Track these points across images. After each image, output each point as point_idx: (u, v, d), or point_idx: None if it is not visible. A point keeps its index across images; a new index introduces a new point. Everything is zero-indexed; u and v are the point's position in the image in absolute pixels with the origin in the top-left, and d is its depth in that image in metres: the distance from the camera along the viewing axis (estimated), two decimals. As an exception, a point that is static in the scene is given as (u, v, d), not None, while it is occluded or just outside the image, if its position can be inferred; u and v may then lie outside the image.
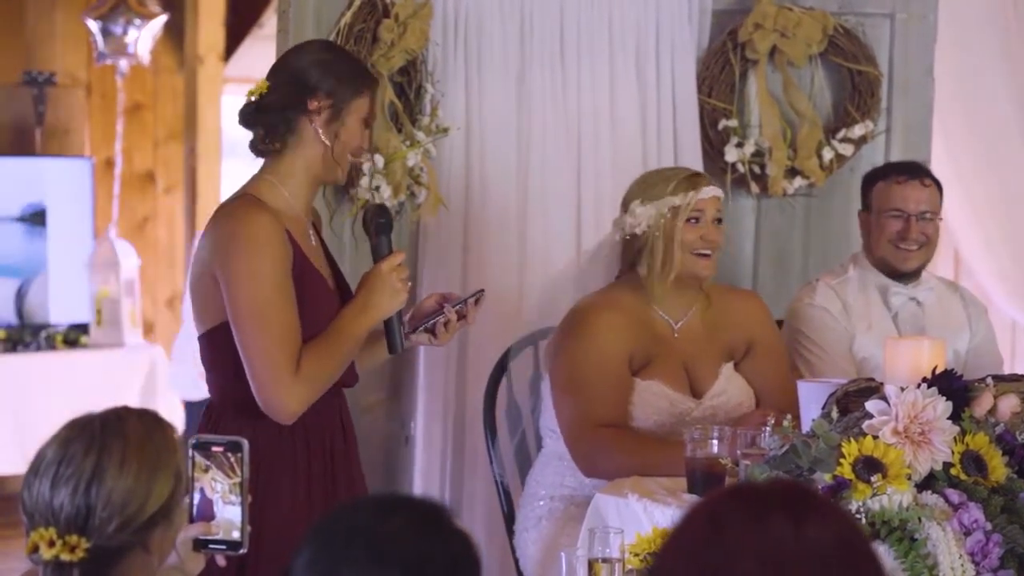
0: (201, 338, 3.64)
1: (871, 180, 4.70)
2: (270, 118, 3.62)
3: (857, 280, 4.64)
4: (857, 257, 4.70)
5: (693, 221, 4.13)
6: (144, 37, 7.06)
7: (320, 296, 3.62)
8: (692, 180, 4.17)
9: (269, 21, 7.09)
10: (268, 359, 3.49)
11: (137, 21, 7.04)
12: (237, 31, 7.38)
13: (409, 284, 3.67)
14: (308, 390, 3.52)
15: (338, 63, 3.68)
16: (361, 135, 3.68)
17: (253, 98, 3.65)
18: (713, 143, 5.14)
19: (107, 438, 2.51)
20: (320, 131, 3.62)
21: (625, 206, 4.22)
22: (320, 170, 3.65)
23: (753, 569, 1.85)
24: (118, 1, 7.03)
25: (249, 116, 3.66)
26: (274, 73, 3.69)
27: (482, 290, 3.90)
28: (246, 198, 3.61)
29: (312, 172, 3.65)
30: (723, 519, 1.89)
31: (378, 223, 3.70)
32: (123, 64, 7.13)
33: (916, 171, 4.67)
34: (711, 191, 4.15)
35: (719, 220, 4.16)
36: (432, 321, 3.82)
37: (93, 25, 7.08)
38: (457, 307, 3.81)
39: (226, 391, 3.62)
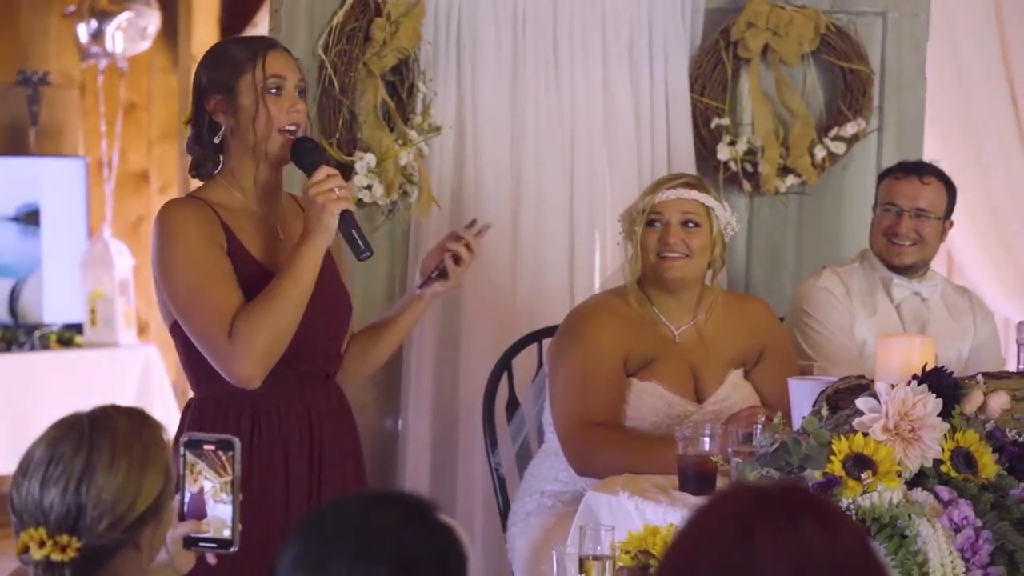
0: (171, 335, 3.66)
1: (881, 177, 4.75)
2: (196, 140, 3.65)
3: (862, 270, 4.68)
4: (865, 251, 4.74)
5: (654, 224, 4.12)
6: (122, 35, 7.05)
7: (258, 285, 3.54)
8: (658, 184, 4.18)
9: (263, 20, 7.09)
10: (206, 335, 3.50)
11: (114, 20, 7.05)
12: (231, 31, 7.38)
13: (340, 192, 3.53)
14: (247, 346, 3.47)
15: (216, 55, 3.65)
16: (265, 106, 3.57)
17: (185, 129, 3.71)
18: (706, 141, 5.15)
19: (96, 437, 2.51)
20: (223, 125, 3.60)
21: None
22: (251, 159, 3.61)
23: (784, 573, 1.85)
24: (91, 1, 7.05)
25: (189, 145, 3.69)
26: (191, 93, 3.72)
27: (486, 224, 3.84)
28: (183, 196, 3.69)
29: (251, 164, 3.62)
30: (753, 523, 1.89)
31: (299, 151, 3.60)
32: (103, 63, 7.14)
33: (919, 169, 4.68)
34: (675, 194, 4.12)
35: (692, 223, 4.13)
36: (436, 270, 3.80)
37: (82, 27, 7.09)
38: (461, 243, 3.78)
39: (191, 383, 3.66)
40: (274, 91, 3.59)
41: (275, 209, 3.68)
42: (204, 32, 7.44)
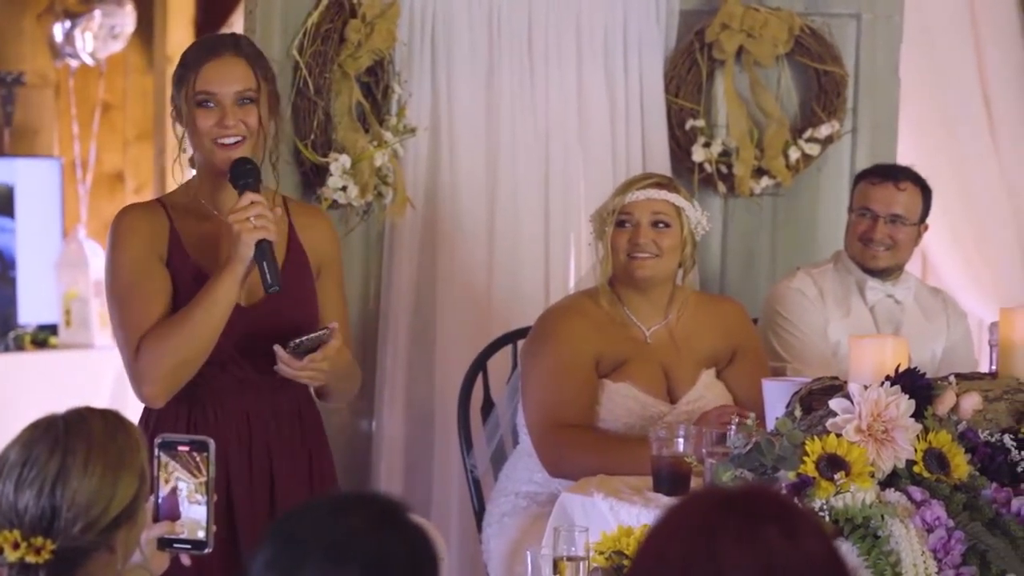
0: None
1: (857, 179, 4.76)
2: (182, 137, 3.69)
3: (835, 272, 4.70)
4: (839, 253, 4.75)
5: (624, 225, 4.13)
6: (92, 36, 7.04)
7: (193, 291, 3.55)
8: (628, 184, 4.19)
9: (238, 21, 7.08)
10: (120, 348, 3.55)
11: (83, 20, 7.03)
12: (206, 31, 7.36)
13: (256, 221, 3.49)
14: (150, 368, 3.49)
15: (180, 60, 3.67)
16: (193, 120, 3.58)
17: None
18: (680, 143, 5.16)
19: (71, 439, 2.51)
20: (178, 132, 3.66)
21: None
22: (201, 163, 3.65)
23: None
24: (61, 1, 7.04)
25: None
26: None
27: (326, 328, 3.61)
28: (144, 201, 3.75)
29: (203, 169, 3.66)
30: (716, 528, 1.90)
31: (233, 175, 3.58)
32: (75, 64, 7.12)
33: (895, 174, 4.69)
34: (644, 194, 4.13)
35: (662, 224, 4.14)
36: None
37: (57, 27, 7.07)
38: (299, 345, 3.57)
39: None
40: (208, 104, 3.59)
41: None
42: (179, 32, 7.42)
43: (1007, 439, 3.47)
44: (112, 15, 7.10)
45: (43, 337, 6.91)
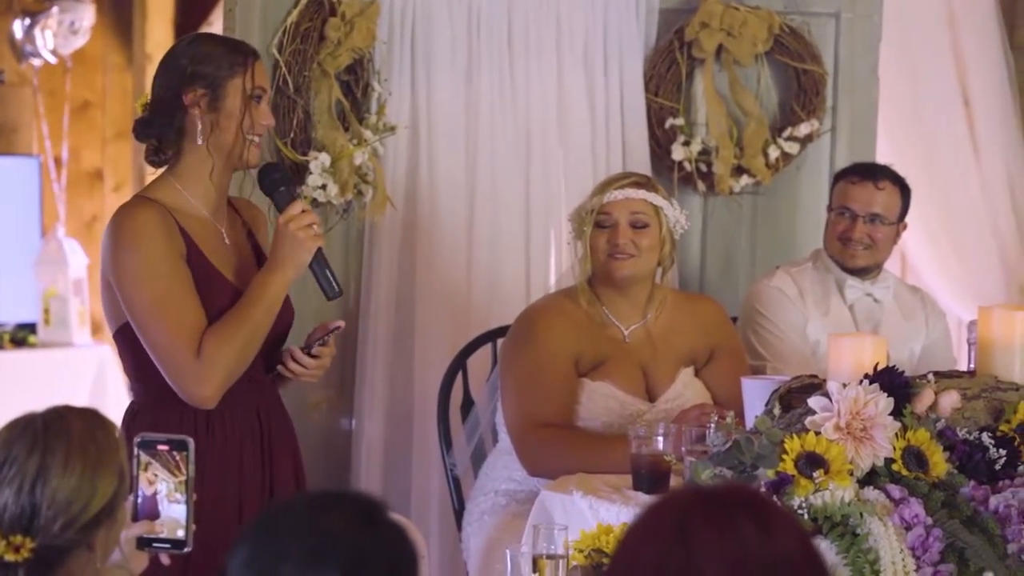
0: (114, 337, 3.63)
1: (836, 178, 4.77)
2: (159, 127, 3.59)
3: (815, 270, 4.71)
4: (818, 251, 4.76)
5: (603, 225, 4.14)
6: (51, 33, 7.02)
7: (214, 293, 3.54)
8: (607, 183, 4.19)
9: (218, 19, 7.07)
10: (169, 351, 3.47)
11: (40, 18, 7.01)
12: (186, 29, 7.34)
13: (316, 229, 3.55)
14: (214, 370, 3.47)
15: (204, 50, 3.60)
16: (247, 113, 3.57)
17: (141, 112, 3.64)
18: (660, 141, 5.16)
19: (50, 438, 2.51)
20: (200, 123, 3.56)
21: None
22: (220, 160, 3.58)
23: (721, 574, 1.87)
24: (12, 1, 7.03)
25: (141, 130, 3.63)
26: (153, 80, 3.66)
27: (337, 326, 3.70)
28: (136, 198, 3.61)
29: (211, 165, 3.58)
30: (691, 524, 1.91)
31: (270, 180, 3.62)
32: (38, 62, 7.11)
33: (874, 174, 4.69)
34: (623, 194, 4.13)
35: (642, 225, 4.14)
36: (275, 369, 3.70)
37: (16, 25, 7.05)
38: (310, 348, 3.64)
39: (138, 388, 3.62)
40: (258, 100, 3.60)
41: (219, 213, 3.66)
42: (158, 30, 7.41)
43: (985, 437, 3.47)
44: (70, 11, 7.08)
45: (22, 336, 6.90)
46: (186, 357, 3.46)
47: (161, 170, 3.65)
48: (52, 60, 7.10)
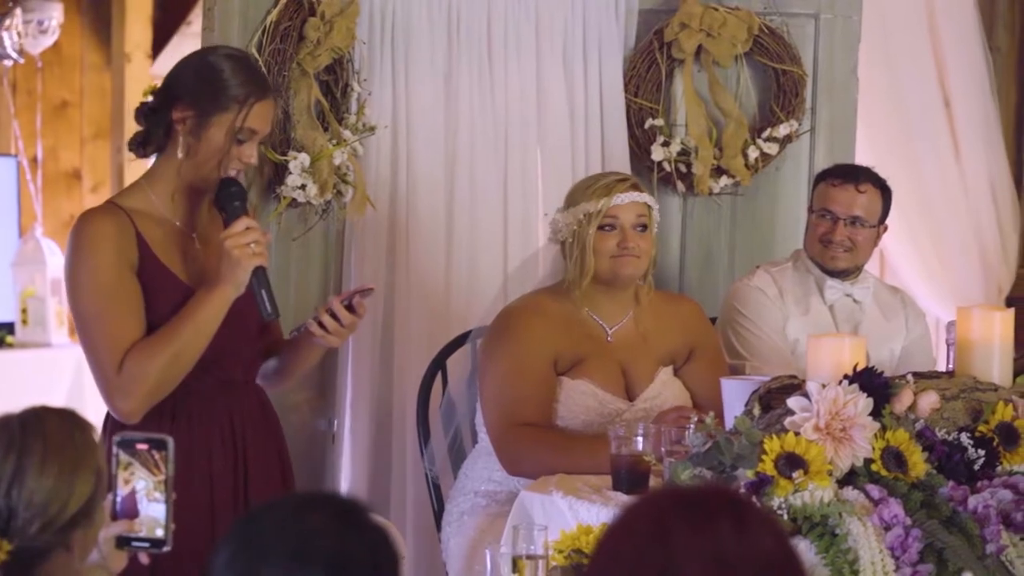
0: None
1: (817, 179, 4.77)
2: (151, 122, 3.60)
3: (795, 271, 4.71)
4: (798, 252, 4.77)
5: (608, 228, 4.14)
6: (16, 33, 7.00)
7: (168, 297, 3.53)
8: (608, 186, 4.19)
9: (197, 19, 7.05)
10: (96, 363, 3.49)
11: (4, 19, 7.00)
12: (165, 29, 7.34)
13: (256, 248, 3.51)
14: (134, 385, 3.46)
15: (218, 70, 3.57)
16: (226, 149, 3.55)
17: (145, 99, 3.64)
18: (640, 142, 5.16)
19: (27, 439, 2.50)
20: (180, 140, 3.57)
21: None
22: (189, 178, 3.59)
23: (699, 572, 1.87)
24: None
25: (138, 116, 3.64)
26: (171, 69, 3.66)
27: (367, 288, 3.74)
28: (103, 205, 3.62)
29: (182, 179, 3.59)
30: (669, 523, 1.91)
31: (226, 194, 3.58)
32: (8, 62, 7.10)
33: (855, 176, 4.69)
34: (629, 197, 4.16)
35: (643, 227, 4.16)
36: (302, 324, 3.72)
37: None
38: (344, 302, 3.68)
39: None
40: (242, 140, 3.58)
41: (192, 218, 3.66)
42: (137, 30, 7.40)
43: (964, 437, 3.48)
44: (35, 10, 7.06)
45: (0, 336, 6.88)
46: (109, 370, 3.47)
47: (150, 160, 3.66)
48: (20, 60, 7.09)
